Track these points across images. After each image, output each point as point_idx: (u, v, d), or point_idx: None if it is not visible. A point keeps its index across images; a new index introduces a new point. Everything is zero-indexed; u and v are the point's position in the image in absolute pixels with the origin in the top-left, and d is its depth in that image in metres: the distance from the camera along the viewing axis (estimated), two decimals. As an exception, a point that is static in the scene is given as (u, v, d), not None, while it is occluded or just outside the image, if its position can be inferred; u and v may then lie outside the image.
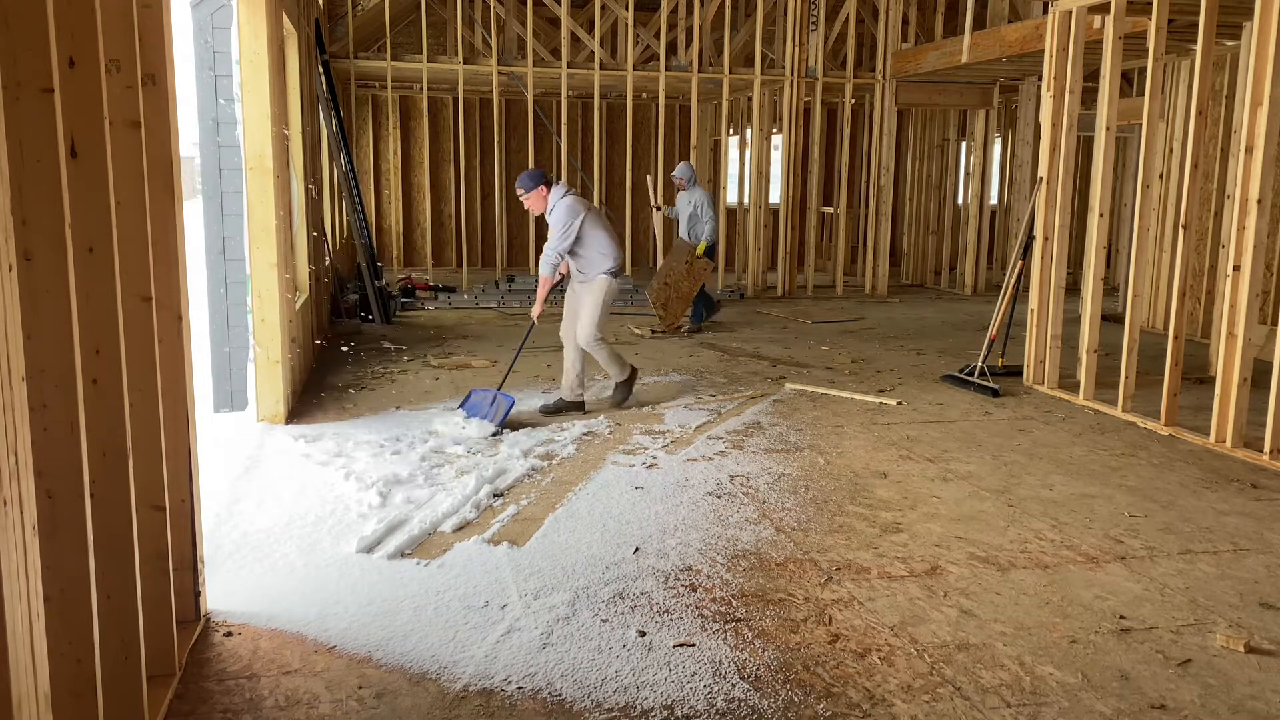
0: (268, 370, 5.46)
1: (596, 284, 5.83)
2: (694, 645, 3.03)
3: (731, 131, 14.02)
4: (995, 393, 6.55)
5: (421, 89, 13.67)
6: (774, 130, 12.85)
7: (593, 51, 11.45)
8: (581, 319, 5.84)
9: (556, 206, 5.74)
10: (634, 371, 6.14)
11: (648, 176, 10.04)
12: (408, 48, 12.75)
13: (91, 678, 2.06)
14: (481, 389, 5.77)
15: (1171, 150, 9.17)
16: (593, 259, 5.82)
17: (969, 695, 2.76)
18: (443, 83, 12.68)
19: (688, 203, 9.00)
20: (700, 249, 8.86)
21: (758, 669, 2.89)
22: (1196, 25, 5.65)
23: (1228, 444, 5.29)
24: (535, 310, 5.99)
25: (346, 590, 3.39)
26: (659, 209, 9.73)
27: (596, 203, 11.87)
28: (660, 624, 3.17)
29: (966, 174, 12.88)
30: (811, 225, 12.02)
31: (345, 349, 7.95)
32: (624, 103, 13.00)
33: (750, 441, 5.39)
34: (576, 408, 5.95)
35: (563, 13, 11.10)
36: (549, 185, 5.78)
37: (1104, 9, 6.25)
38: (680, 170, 9.02)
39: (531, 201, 5.78)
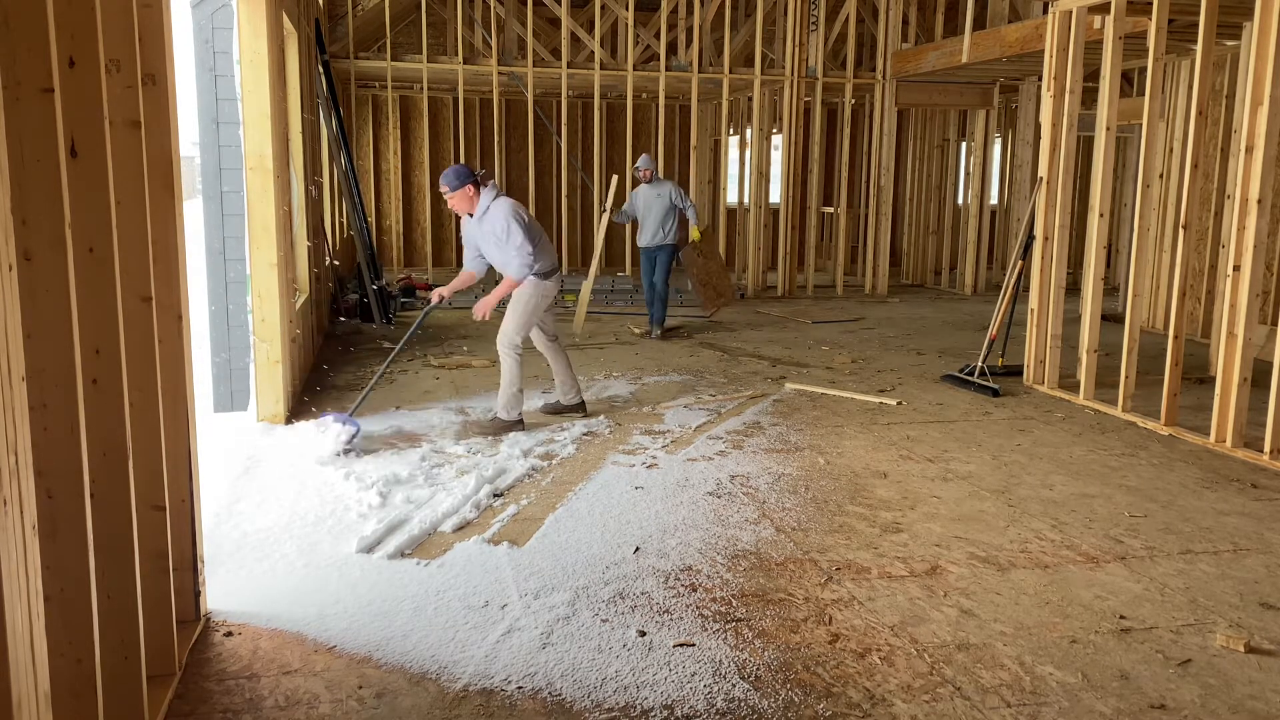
0: (268, 370, 5.46)
1: (526, 285, 5.49)
2: (694, 645, 3.03)
3: (731, 131, 14.03)
4: (995, 393, 6.55)
5: (421, 89, 13.67)
6: (774, 130, 12.86)
7: (593, 51, 11.45)
8: (506, 320, 5.56)
9: (492, 209, 5.34)
10: (522, 423, 5.55)
11: (614, 177, 9.26)
12: (408, 48, 12.75)
13: (91, 677, 2.06)
14: (334, 413, 5.26)
15: (1171, 150, 9.17)
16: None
17: (969, 695, 2.76)
18: (443, 83, 12.67)
19: (657, 195, 8.57)
20: (695, 234, 8.85)
21: (758, 669, 2.89)
22: (1196, 25, 5.65)
23: (1228, 444, 5.29)
24: (483, 308, 5.53)
25: (346, 590, 3.39)
26: (606, 212, 8.96)
27: (596, 203, 11.90)
28: (660, 624, 3.17)
29: (966, 174, 12.88)
30: (811, 225, 12.02)
31: (345, 349, 7.95)
32: (624, 103, 13.00)
33: (750, 441, 5.39)
34: (576, 409, 5.94)
35: (563, 13, 11.10)
36: (478, 185, 5.35)
37: (1104, 9, 6.25)
38: (644, 161, 8.64)
39: (457, 202, 5.32)
